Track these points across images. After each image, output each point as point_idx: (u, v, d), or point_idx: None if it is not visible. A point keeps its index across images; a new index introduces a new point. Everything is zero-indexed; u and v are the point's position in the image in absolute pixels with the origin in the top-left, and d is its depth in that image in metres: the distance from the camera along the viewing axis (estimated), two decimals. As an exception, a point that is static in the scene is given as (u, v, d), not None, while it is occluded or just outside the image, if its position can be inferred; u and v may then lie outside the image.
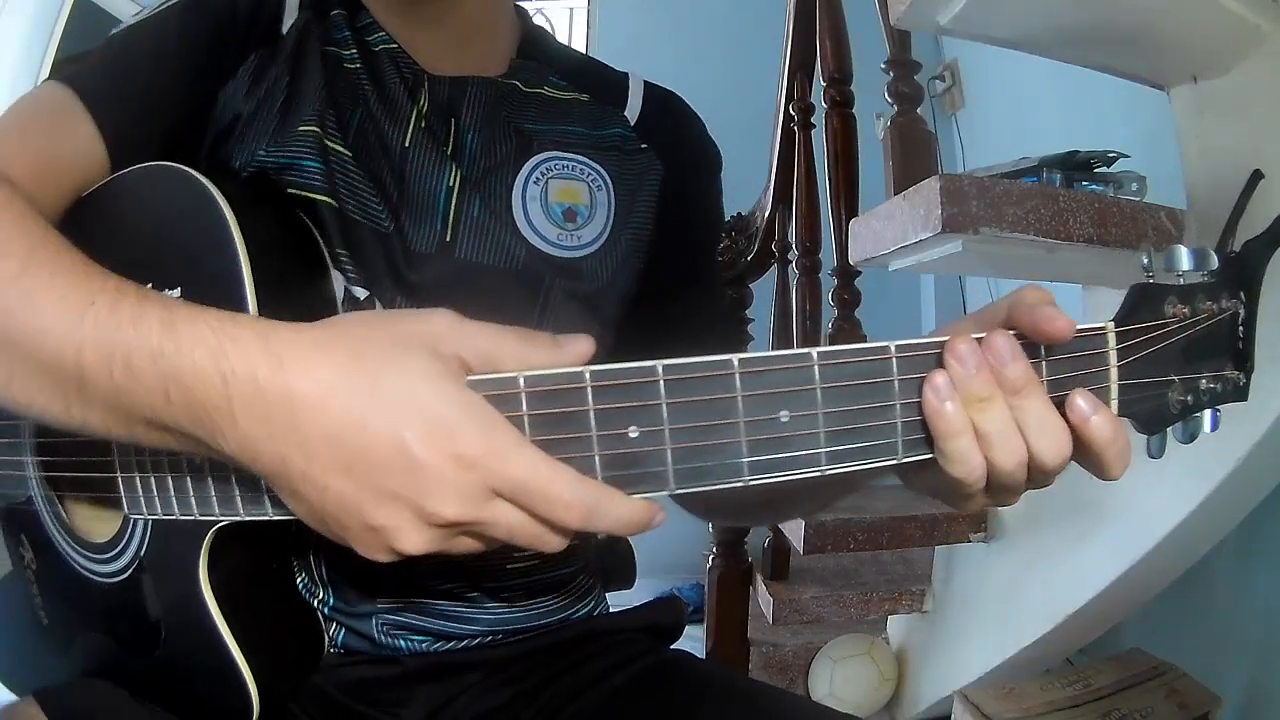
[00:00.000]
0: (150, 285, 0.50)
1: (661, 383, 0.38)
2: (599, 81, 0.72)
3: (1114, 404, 0.42)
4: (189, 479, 0.48)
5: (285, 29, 0.63)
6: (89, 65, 0.59)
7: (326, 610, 0.62)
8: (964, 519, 1.44)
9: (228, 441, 0.38)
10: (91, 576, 0.58)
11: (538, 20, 0.75)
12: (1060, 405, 0.41)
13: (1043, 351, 0.41)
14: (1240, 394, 0.44)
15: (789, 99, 1.85)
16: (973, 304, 2.80)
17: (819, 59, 1.64)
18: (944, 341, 0.40)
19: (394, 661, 0.63)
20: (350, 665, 0.63)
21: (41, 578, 0.63)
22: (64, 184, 0.55)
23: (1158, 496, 1.11)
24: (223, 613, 0.50)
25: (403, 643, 0.63)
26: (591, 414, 0.38)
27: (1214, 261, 0.43)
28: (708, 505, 0.71)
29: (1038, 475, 0.42)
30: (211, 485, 0.47)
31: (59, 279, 0.41)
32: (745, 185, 2.10)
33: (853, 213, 1.44)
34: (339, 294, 0.59)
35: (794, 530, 1.42)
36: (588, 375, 0.38)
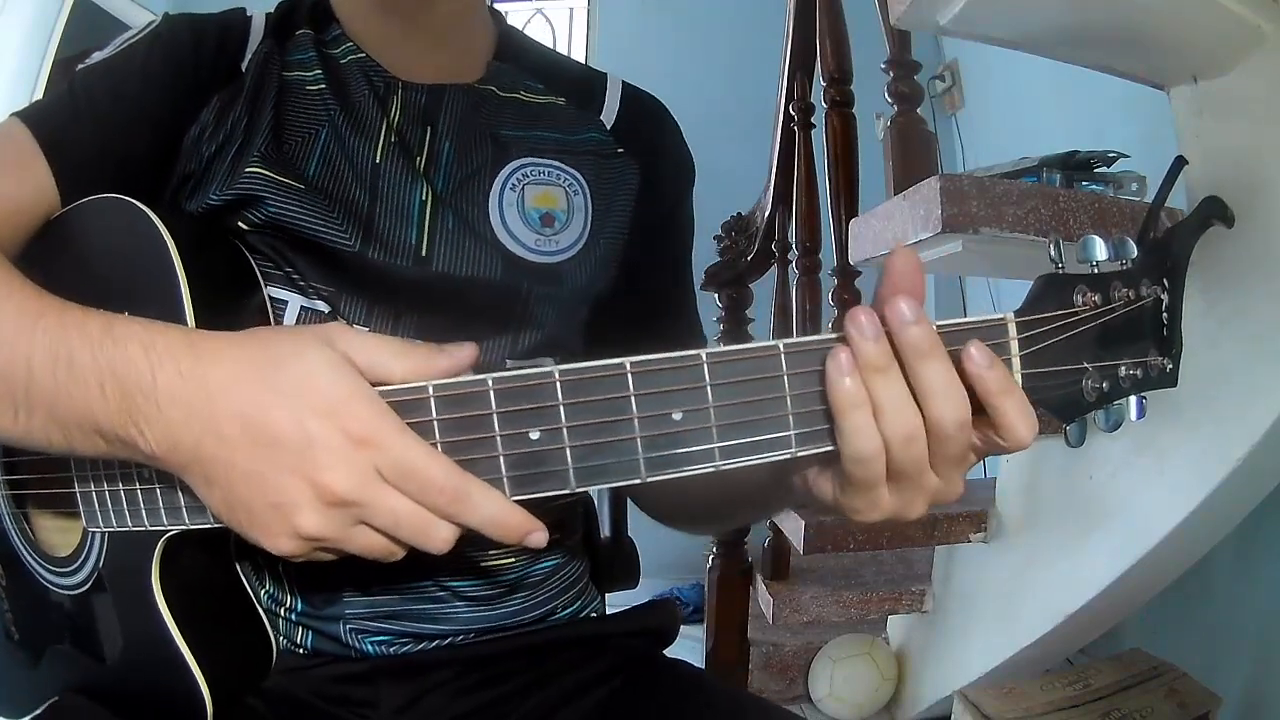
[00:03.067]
0: None
1: (558, 385, 0.40)
2: (575, 84, 0.72)
3: None
4: (139, 491, 0.50)
5: (246, 63, 0.62)
6: (50, 103, 0.60)
7: (294, 616, 0.63)
8: (964, 519, 1.44)
9: (152, 430, 0.42)
10: (55, 590, 0.59)
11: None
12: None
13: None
14: (1168, 380, 0.44)
15: (789, 99, 1.85)
16: (973, 304, 2.80)
17: (819, 59, 1.64)
18: (833, 338, 0.40)
19: (363, 660, 0.63)
20: (319, 666, 0.63)
21: (11, 594, 0.64)
22: (18, 220, 0.57)
23: (1158, 496, 1.11)
24: (174, 617, 0.52)
25: (369, 645, 0.63)
26: (495, 418, 0.40)
27: (1133, 250, 0.42)
28: (665, 514, 0.71)
29: (938, 449, 0.41)
30: (159, 496, 0.49)
31: (14, 300, 0.46)
32: (745, 185, 2.11)
33: (853, 213, 1.44)
34: (293, 313, 0.60)
35: (794, 530, 1.42)
36: (490, 381, 0.40)
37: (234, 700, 0.56)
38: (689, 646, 2.06)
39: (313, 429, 0.39)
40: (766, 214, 1.94)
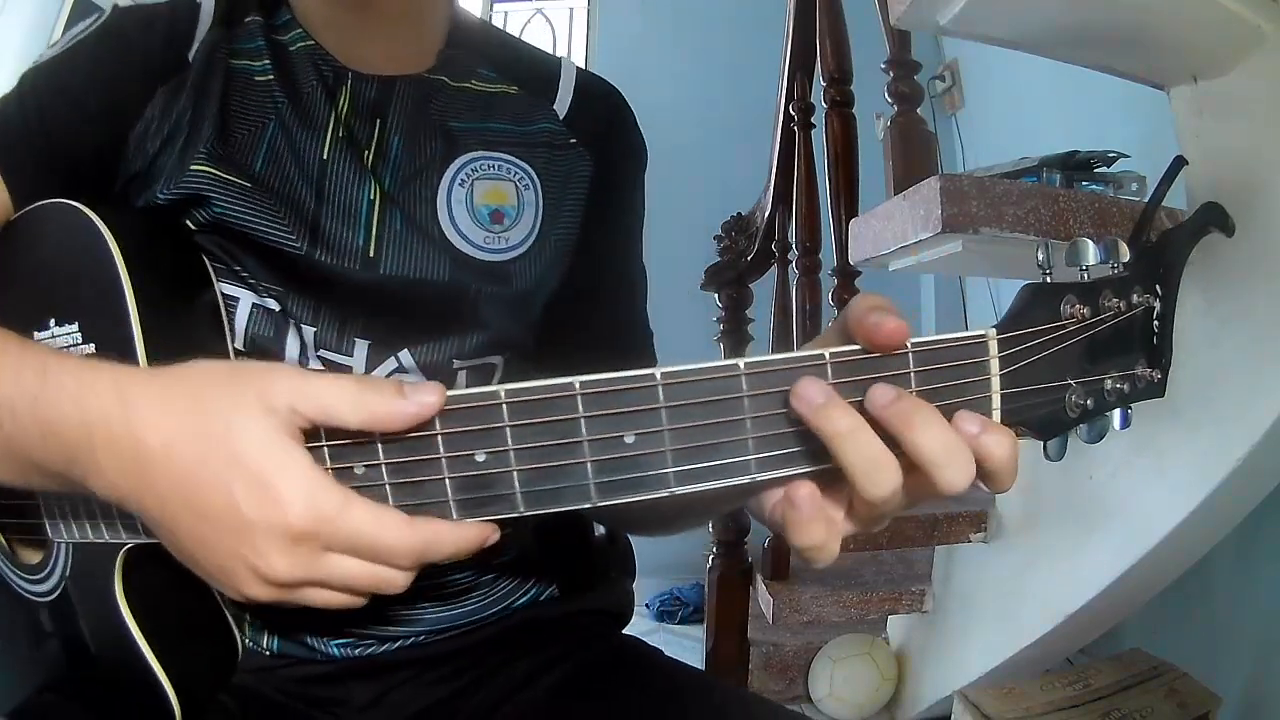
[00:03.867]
0: (52, 321, 0.53)
1: (504, 407, 0.38)
2: (529, 71, 0.70)
3: (996, 414, 0.39)
4: (97, 506, 0.50)
5: (193, 53, 0.61)
6: None
7: (259, 622, 0.63)
8: (964, 519, 1.45)
9: (97, 482, 0.41)
10: (29, 596, 0.60)
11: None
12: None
13: (911, 363, 0.38)
14: (1156, 391, 0.41)
15: (789, 99, 1.85)
16: (973, 304, 2.80)
17: (819, 59, 1.64)
18: (796, 357, 0.38)
19: (330, 661, 0.63)
20: (287, 667, 0.63)
21: None
22: None
23: (1158, 496, 1.11)
24: (138, 623, 0.52)
25: (334, 649, 0.63)
26: (440, 439, 0.39)
27: (1125, 253, 0.40)
28: (624, 523, 0.71)
29: (924, 496, 0.39)
30: (117, 513, 0.49)
31: None
32: (745, 185, 2.11)
33: (853, 213, 1.44)
34: (245, 311, 0.59)
35: (794, 530, 1.42)
36: None
37: (202, 699, 0.56)
38: (689, 646, 2.07)
39: (246, 513, 0.37)
40: (766, 214, 1.94)
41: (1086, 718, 1.25)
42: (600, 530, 0.85)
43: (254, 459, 0.37)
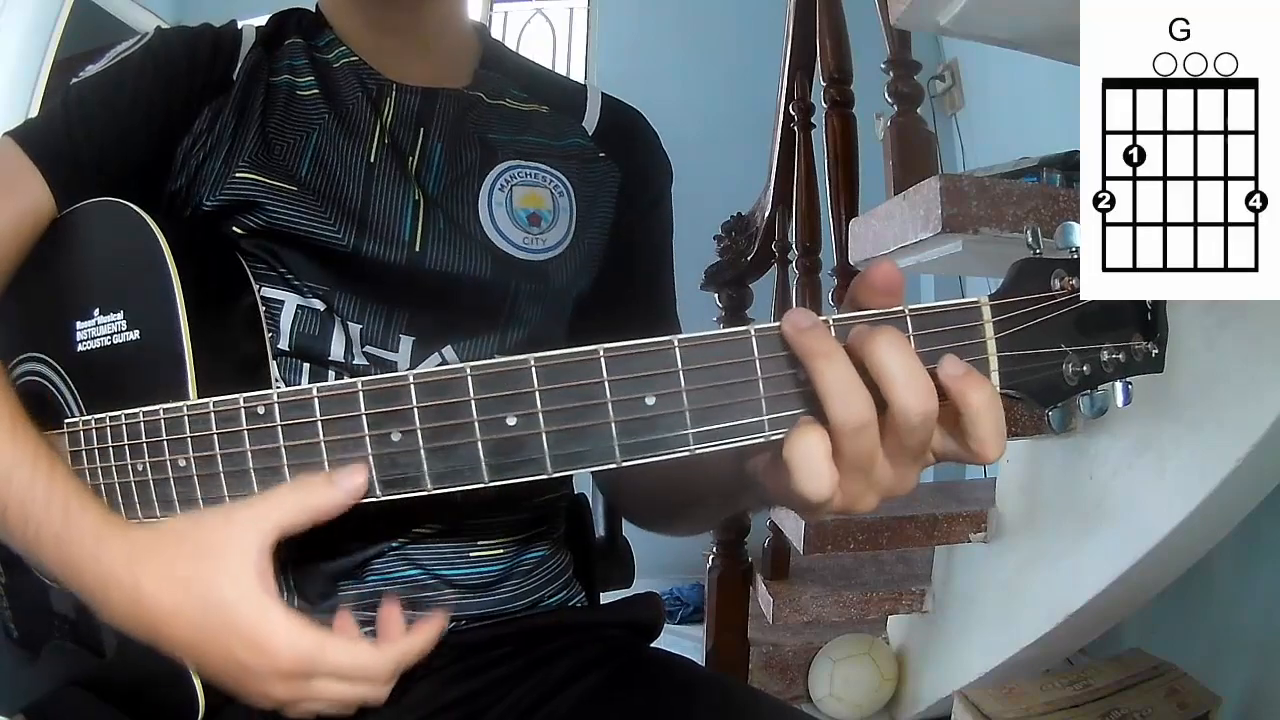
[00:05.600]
0: (96, 310, 0.56)
1: (534, 371, 0.41)
2: (558, 93, 0.74)
3: (995, 376, 0.41)
4: (133, 485, 0.51)
5: (237, 72, 0.64)
6: (44, 118, 0.62)
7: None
8: (964, 519, 1.44)
9: (109, 617, 0.48)
10: (54, 586, 0.60)
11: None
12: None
13: (909, 326, 0.40)
14: (1154, 365, 0.42)
15: (789, 99, 1.85)
16: (973, 304, 2.79)
17: (819, 59, 1.64)
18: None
19: None
20: None
21: (11, 592, 0.65)
22: (20, 238, 0.59)
23: (1158, 496, 1.11)
24: None
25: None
26: (473, 404, 0.41)
27: None
28: (638, 514, 0.73)
29: (895, 441, 0.39)
30: (152, 488, 0.49)
31: None
32: (745, 185, 2.11)
33: (853, 213, 1.44)
34: (290, 312, 0.61)
35: (794, 530, 1.42)
36: (468, 369, 0.41)
37: (224, 695, 0.56)
38: (689, 647, 2.07)
39: (246, 662, 0.45)
40: (766, 214, 1.94)
41: (1086, 718, 1.25)
42: (600, 532, 0.85)
43: (244, 621, 0.45)
